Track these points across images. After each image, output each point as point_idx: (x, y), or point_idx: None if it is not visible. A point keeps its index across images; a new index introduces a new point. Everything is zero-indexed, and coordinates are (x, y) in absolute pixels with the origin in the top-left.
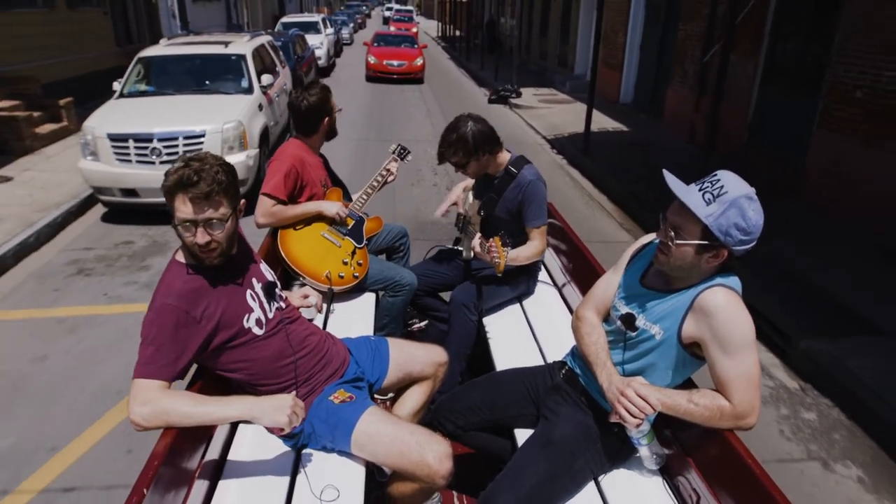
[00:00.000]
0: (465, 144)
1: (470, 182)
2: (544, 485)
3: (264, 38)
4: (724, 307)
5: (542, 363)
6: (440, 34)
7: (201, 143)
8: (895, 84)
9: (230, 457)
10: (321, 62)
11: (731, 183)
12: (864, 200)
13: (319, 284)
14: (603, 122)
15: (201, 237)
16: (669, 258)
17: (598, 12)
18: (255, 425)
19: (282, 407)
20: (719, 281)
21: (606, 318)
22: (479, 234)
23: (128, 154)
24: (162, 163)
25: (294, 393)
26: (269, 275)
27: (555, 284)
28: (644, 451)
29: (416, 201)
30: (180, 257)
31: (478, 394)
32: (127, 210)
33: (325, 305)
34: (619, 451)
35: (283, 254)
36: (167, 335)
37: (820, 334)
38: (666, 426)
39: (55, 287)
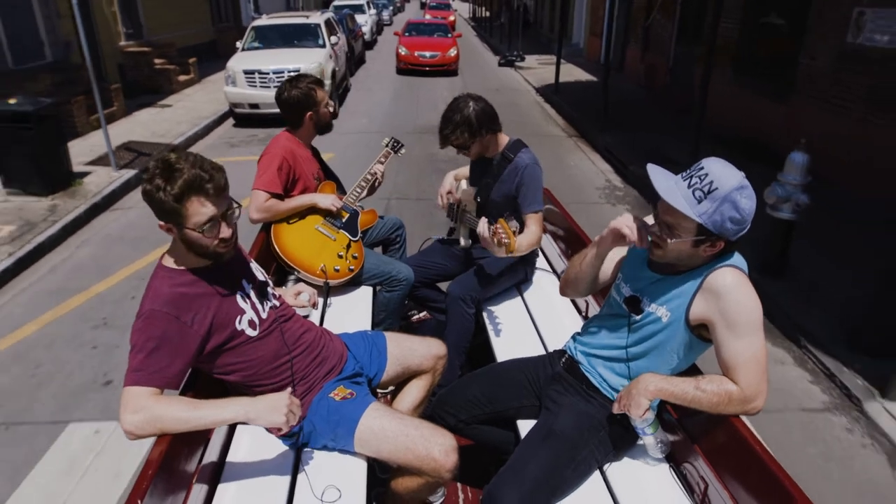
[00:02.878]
0: (469, 125)
1: (460, 171)
2: (548, 477)
3: (329, 14)
4: (733, 288)
5: (542, 352)
6: (471, 15)
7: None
8: (732, 33)
9: (229, 459)
10: (366, 37)
11: (720, 177)
12: (720, 109)
13: (315, 278)
14: (580, 75)
15: (226, 230)
16: (665, 253)
17: None
18: (254, 427)
19: (278, 407)
20: (727, 262)
21: (607, 301)
22: (484, 219)
23: (254, 81)
24: (274, 86)
25: (290, 390)
26: (261, 274)
27: (553, 271)
28: (649, 440)
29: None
30: (167, 262)
31: (478, 386)
32: (250, 118)
33: (321, 300)
34: (623, 439)
35: (277, 248)
36: (157, 342)
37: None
38: (671, 412)
39: (218, 153)
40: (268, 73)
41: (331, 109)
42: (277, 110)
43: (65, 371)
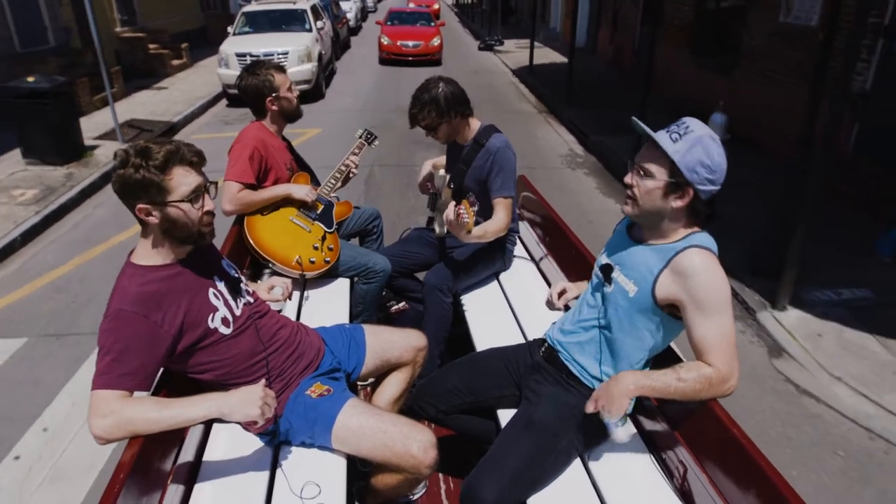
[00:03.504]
0: (437, 105)
1: (439, 160)
2: (528, 467)
3: (315, 0)
4: (702, 269)
5: (521, 340)
6: (455, 2)
7: (286, 57)
8: (688, 16)
9: (205, 458)
10: (351, 23)
11: (697, 124)
12: (680, 84)
13: (290, 270)
14: (556, 58)
15: (210, 203)
16: (637, 203)
17: None
18: (230, 424)
19: (251, 400)
20: (695, 241)
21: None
22: (452, 203)
23: (245, 62)
24: None
25: (263, 382)
26: (233, 270)
27: (532, 259)
28: (618, 434)
29: None
30: (136, 259)
31: (457, 376)
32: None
33: (297, 293)
34: (603, 427)
35: (251, 240)
36: (124, 343)
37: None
38: (651, 399)
39: (214, 130)
40: (258, 56)
41: (294, 94)
42: None
43: (99, 298)
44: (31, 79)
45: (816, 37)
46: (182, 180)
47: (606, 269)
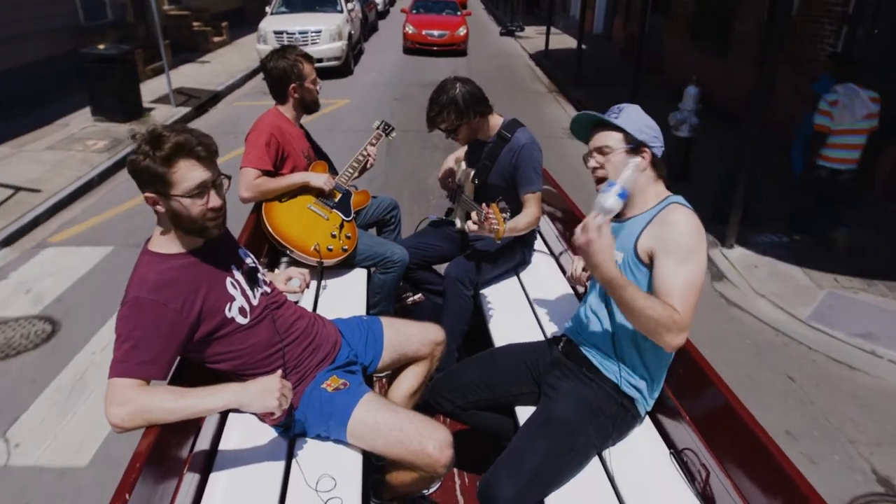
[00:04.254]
0: (456, 107)
1: (461, 152)
2: (546, 465)
3: None
4: (681, 220)
5: (540, 336)
6: None
7: (319, 35)
8: (689, 6)
9: (221, 447)
10: (379, 8)
11: (625, 105)
12: (681, 68)
13: (308, 258)
14: (572, 44)
15: (216, 199)
16: (607, 174)
17: None
18: (246, 415)
19: (269, 390)
20: (674, 200)
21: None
22: (475, 213)
23: (282, 40)
24: (301, 45)
25: (280, 373)
26: (251, 260)
27: (551, 253)
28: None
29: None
30: (153, 246)
31: (475, 372)
32: None
33: (314, 282)
34: (623, 423)
35: (269, 227)
36: (143, 331)
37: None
38: (672, 398)
39: (254, 99)
40: (294, 34)
41: (317, 87)
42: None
43: None
44: (101, 46)
45: (795, 26)
46: (186, 174)
47: None
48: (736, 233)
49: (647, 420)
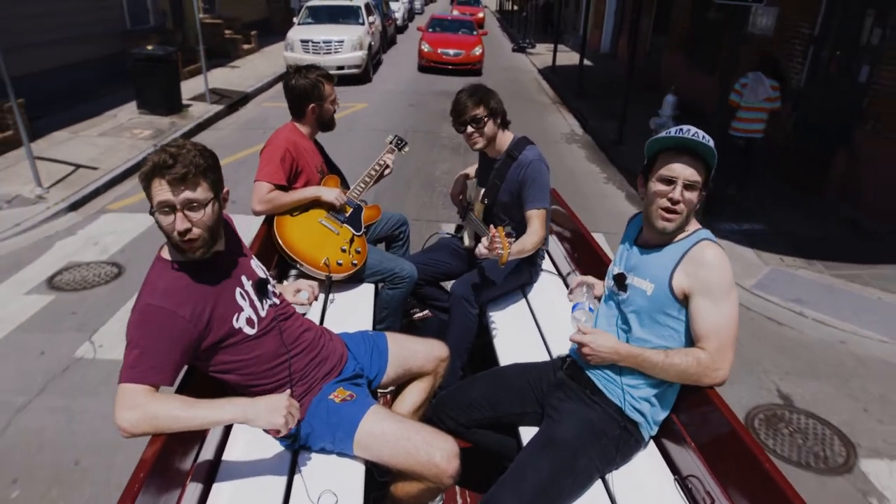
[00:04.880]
0: (493, 101)
1: (472, 169)
2: (548, 486)
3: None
4: (714, 260)
5: (546, 356)
6: (498, 8)
7: (341, 44)
8: (685, 26)
9: (224, 458)
10: (398, 22)
11: (698, 130)
12: (678, 82)
13: (317, 272)
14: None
15: (181, 223)
16: (680, 217)
17: None
18: (251, 426)
19: (277, 408)
20: (704, 235)
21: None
22: (483, 240)
23: (308, 48)
24: (325, 53)
25: (289, 392)
26: (261, 271)
27: (559, 273)
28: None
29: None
30: (165, 254)
31: (479, 390)
32: None
33: (321, 295)
34: (626, 447)
35: (279, 240)
36: (153, 338)
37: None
38: (677, 423)
39: (279, 101)
40: (319, 43)
41: (336, 107)
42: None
43: None
44: (149, 47)
45: (771, 43)
46: (155, 192)
47: (620, 278)
48: (701, 215)
49: (652, 445)
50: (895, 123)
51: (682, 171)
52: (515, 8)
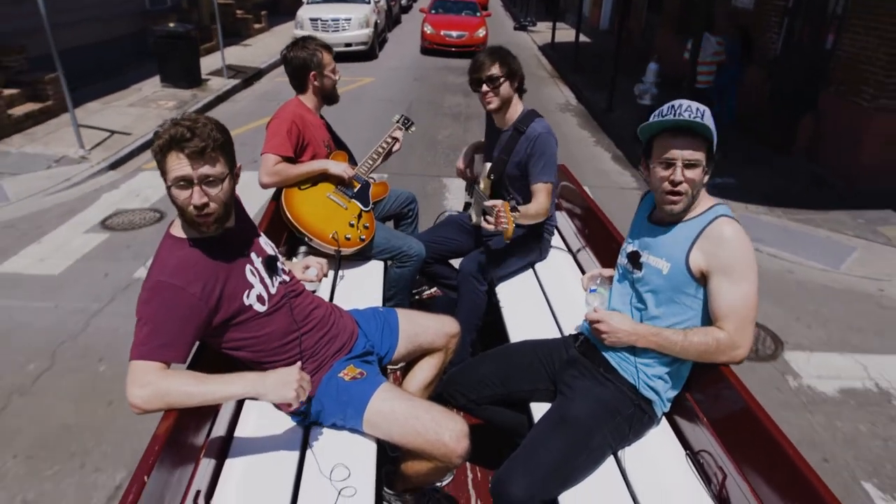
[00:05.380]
0: (512, 62)
1: (480, 143)
2: (560, 464)
3: None
4: (733, 237)
5: (556, 333)
6: None
7: (349, 22)
8: (676, 4)
9: (237, 434)
10: (403, 2)
11: (693, 103)
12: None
13: (326, 245)
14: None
15: (198, 197)
16: (686, 197)
17: None
18: (262, 402)
19: (288, 381)
20: (721, 211)
21: (617, 269)
22: (486, 210)
23: (317, 26)
24: (333, 31)
25: (299, 365)
26: (270, 248)
27: (569, 250)
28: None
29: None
30: (175, 231)
31: (490, 366)
32: None
33: (331, 273)
34: (639, 424)
35: (288, 214)
36: (163, 315)
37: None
38: (690, 400)
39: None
40: (327, 20)
41: (336, 77)
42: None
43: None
44: (171, 24)
45: (752, 16)
46: (172, 165)
47: (634, 256)
48: None
49: (664, 421)
50: (855, 87)
51: (680, 152)
52: None
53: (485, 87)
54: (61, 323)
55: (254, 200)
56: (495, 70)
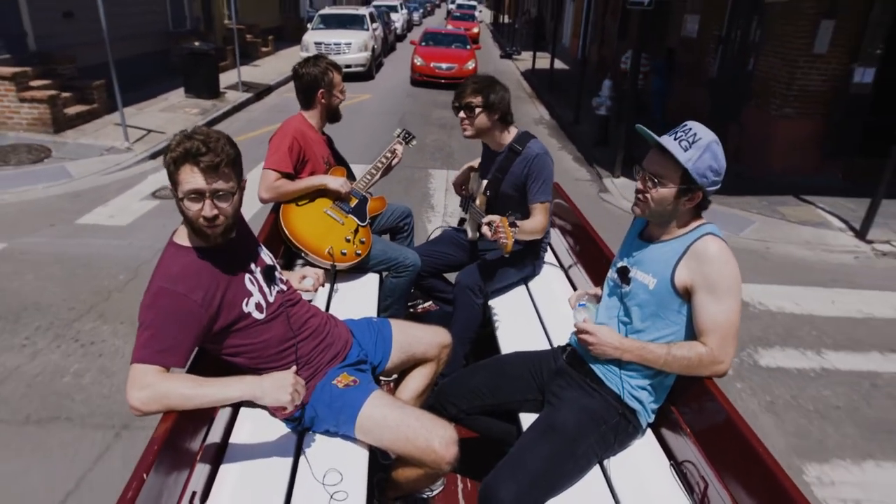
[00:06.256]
0: (490, 93)
1: (476, 162)
2: (547, 471)
3: (372, 9)
4: (717, 255)
5: (546, 345)
6: (493, 21)
7: (349, 46)
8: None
9: (231, 440)
10: (398, 31)
11: (702, 130)
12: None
13: (322, 261)
14: (558, 66)
15: (209, 209)
16: (648, 206)
17: (574, 4)
18: (257, 409)
19: (283, 385)
20: (708, 230)
21: (605, 284)
22: (485, 223)
23: (320, 49)
24: (335, 53)
25: (294, 369)
26: (269, 258)
27: (561, 266)
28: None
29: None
30: (178, 239)
31: (481, 377)
32: None
33: (327, 285)
34: (624, 434)
35: (285, 229)
36: (164, 320)
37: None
38: (674, 412)
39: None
40: (330, 44)
41: (343, 96)
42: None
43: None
44: (196, 43)
45: (695, 45)
46: (185, 178)
47: (623, 272)
48: (620, 168)
49: (649, 432)
50: (766, 99)
51: (648, 164)
52: (508, 21)
53: (462, 114)
54: (137, 253)
55: (248, 205)
56: (474, 100)
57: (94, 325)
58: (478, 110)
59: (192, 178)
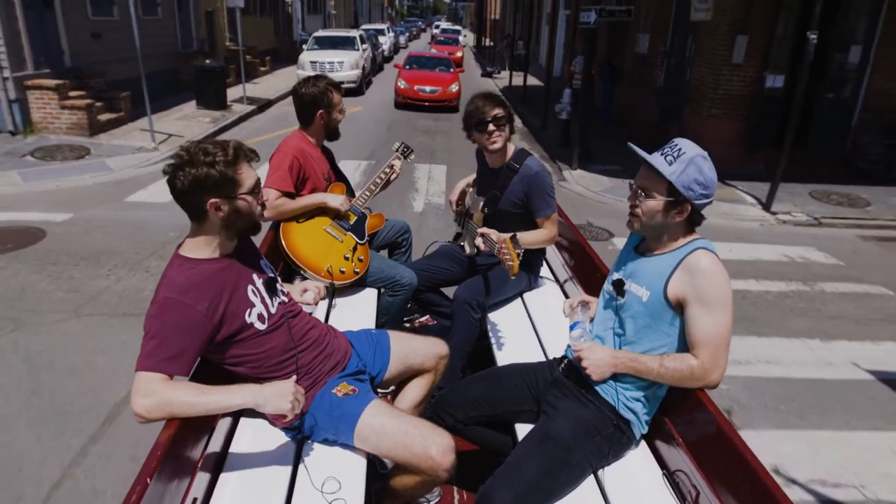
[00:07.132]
0: (506, 103)
1: (471, 178)
2: (542, 480)
3: (361, 32)
4: (709, 268)
5: (542, 357)
6: (476, 44)
7: (342, 64)
8: (602, 51)
9: (232, 449)
10: (385, 53)
11: (688, 145)
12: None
13: (320, 279)
14: (532, 82)
15: (262, 197)
16: (639, 220)
17: (548, 27)
18: (257, 419)
19: (284, 393)
20: (701, 244)
21: (601, 296)
22: (480, 233)
23: (315, 67)
24: (329, 71)
25: (295, 378)
26: (270, 270)
27: (556, 280)
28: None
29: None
30: (184, 251)
31: (478, 388)
32: None
33: (326, 300)
34: (618, 444)
35: (285, 247)
36: (170, 330)
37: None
38: (667, 422)
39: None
40: (324, 63)
41: (342, 116)
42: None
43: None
44: (207, 61)
45: (646, 59)
46: (247, 174)
47: (618, 284)
48: (577, 161)
49: (643, 442)
50: (699, 103)
51: (637, 179)
52: (490, 43)
53: (491, 127)
54: (182, 220)
55: None
56: (499, 111)
57: (158, 263)
58: (505, 119)
59: (251, 172)
